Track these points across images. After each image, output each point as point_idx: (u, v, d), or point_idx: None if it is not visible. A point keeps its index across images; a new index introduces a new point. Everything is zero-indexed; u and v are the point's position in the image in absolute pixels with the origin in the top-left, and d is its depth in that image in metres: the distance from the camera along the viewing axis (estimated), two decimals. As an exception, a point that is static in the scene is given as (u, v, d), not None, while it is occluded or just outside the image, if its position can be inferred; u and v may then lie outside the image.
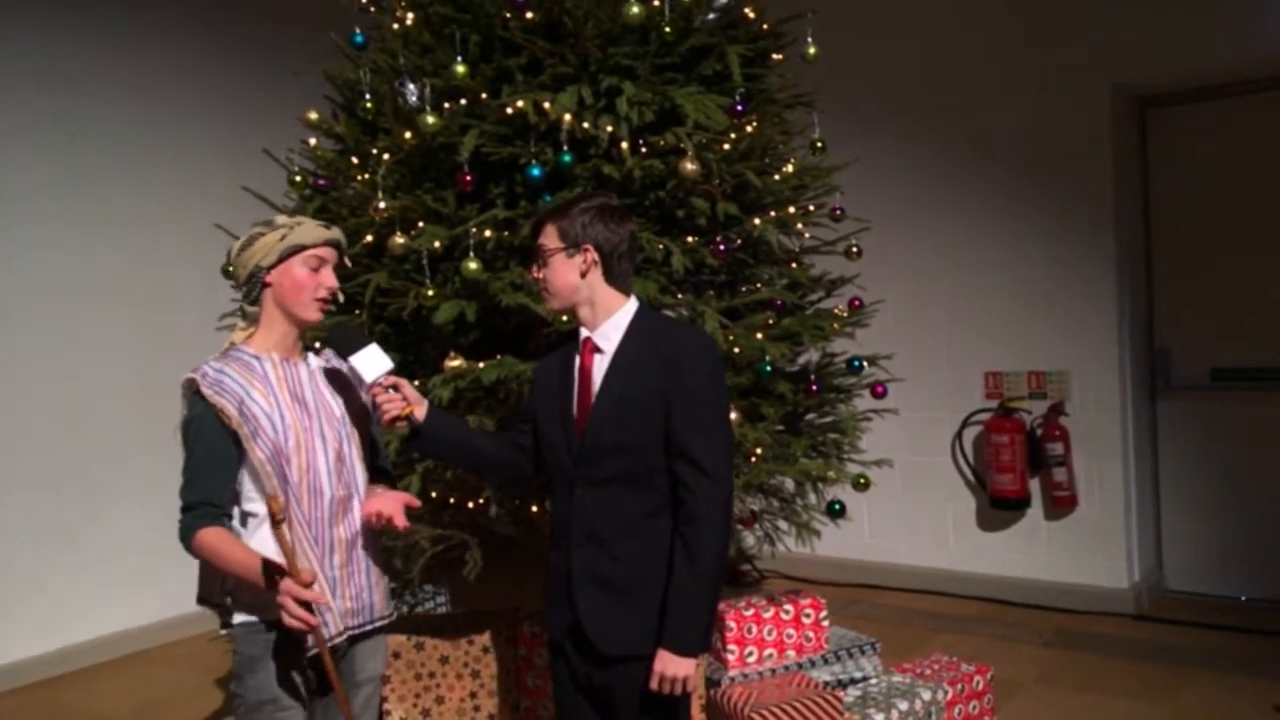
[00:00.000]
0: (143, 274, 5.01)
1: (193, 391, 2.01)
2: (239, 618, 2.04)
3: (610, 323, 2.11)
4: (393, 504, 2.10)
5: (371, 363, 2.09)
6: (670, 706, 2.10)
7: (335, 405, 2.14)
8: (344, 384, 2.20)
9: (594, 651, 2.08)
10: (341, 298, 2.32)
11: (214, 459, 1.99)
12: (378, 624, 2.17)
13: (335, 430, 2.10)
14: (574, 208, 2.12)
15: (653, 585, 2.05)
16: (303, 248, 2.07)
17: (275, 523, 1.86)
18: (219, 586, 2.07)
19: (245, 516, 2.04)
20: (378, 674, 2.21)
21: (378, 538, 2.20)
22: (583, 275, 2.10)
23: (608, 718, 2.15)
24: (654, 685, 2.03)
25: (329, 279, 2.11)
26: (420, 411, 2.14)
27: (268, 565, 1.87)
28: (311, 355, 2.21)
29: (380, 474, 2.28)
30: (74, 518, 4.71)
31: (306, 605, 1.84)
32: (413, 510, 2.14)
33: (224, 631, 2.10)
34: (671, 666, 2.01)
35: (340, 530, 2.09)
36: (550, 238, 2.12)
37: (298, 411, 2.05)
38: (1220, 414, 4.90)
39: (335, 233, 2.14)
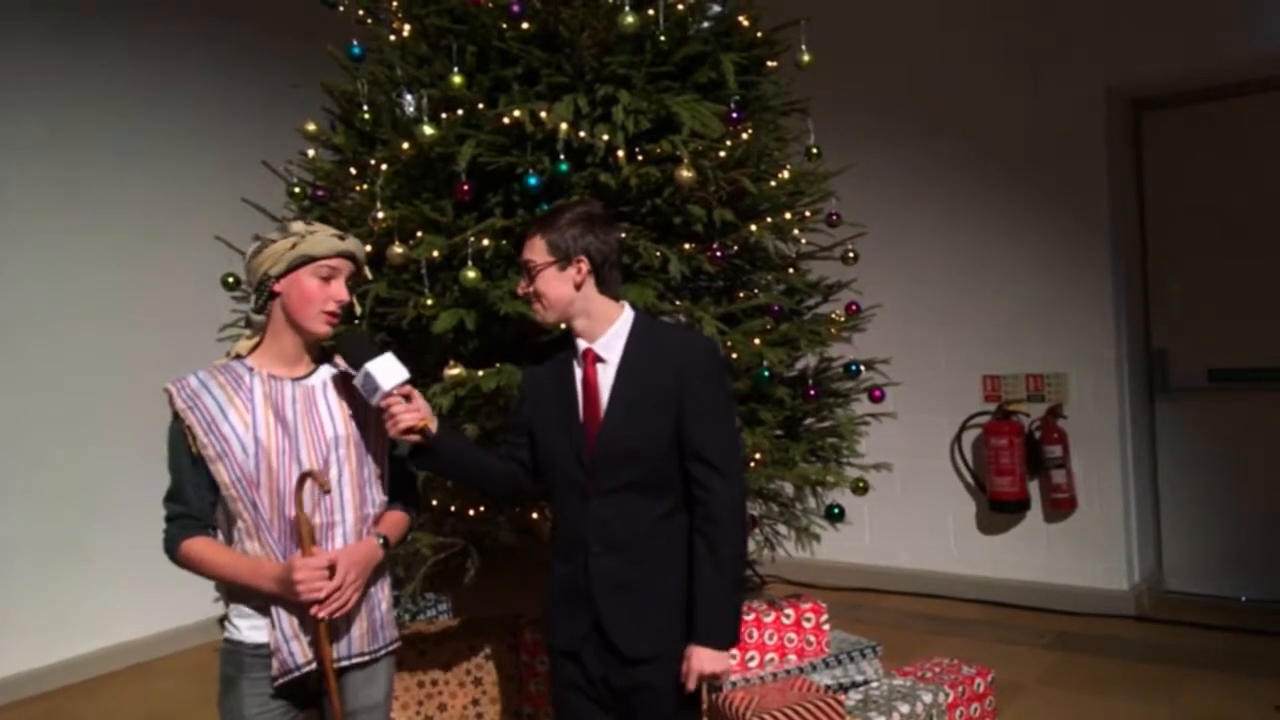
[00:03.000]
0: (143, 285, 5.03)
1: (169, 403, 1.97)
2: (224, 635, 2.02)
3: (611, 332, 2.12)
4: (347, 562, 1.96)
5: (387, 371, 2.01)
6: (690, 704, 2.15)
7: (330, 425, 2.03)
8: (357, 400, 2.08)
9: (617, 655, 2.10)
10: (359, 309, 2.28)
11: (189, 472, 1.96)
12: (356, 660, 2.04)
13: (318, 454, 1.99)
14: (561, 219, 2.10)
15: (671, 584, 2.08)
16: (312, 259, 1.98)
17: (325, 493, 1.96)
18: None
19: (229, 532, 1.99)
20: (378, 701, 2.11)
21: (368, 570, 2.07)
22: (577, 287, 2.09)
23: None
24: (691, 684, 2.07)
25: (339, 292, 2.02)
26: (433, 425, 2.10)
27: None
28: (325, 366, 2.11)
29: (404, 491, 2.20)
30: (76, 529, 4.71)
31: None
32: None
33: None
34: (709, 663, 2.05)
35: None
36: (539, 252, 2.09)
37: (277, 433, 1.96)
38: (1218, 414, 4.91)
39: (350, 244, 2.04)
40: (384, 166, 2.90)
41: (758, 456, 2.98)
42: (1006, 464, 4.94)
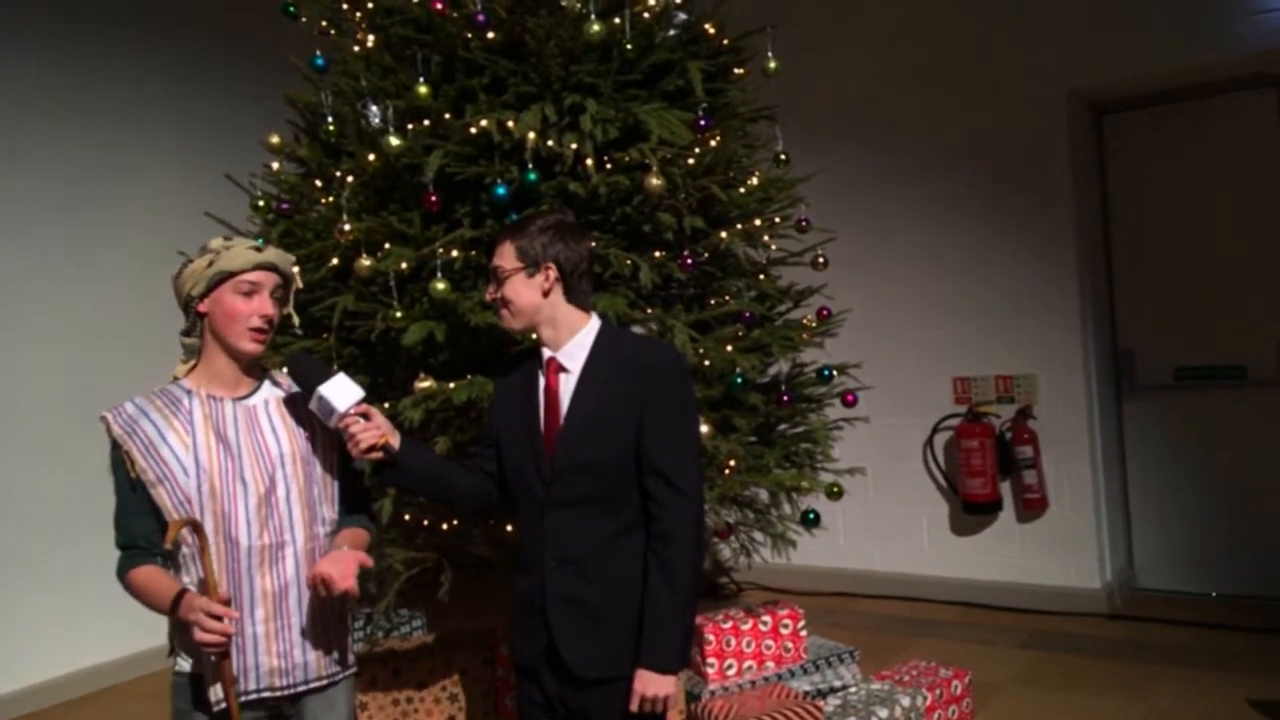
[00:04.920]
0: (108, 304, 4.95)
1: (107, 431, 1.92)
2: (178, 667, 1.97)
3: (574, 341, 2.09)
4: (335, 565, 1.89)
5: (341, 392, 1.97)
6: None
7: (274, 444, 1.99)
8: (301, 418, 2.04)
9: (570, 675, 2.05)
10: (296, 321, 2.24)
11: (131, 499, 1.91)
12: (314, 685, 1.99)
13: (264, 473, 1.95)
14: (532, 226, 2.08)
15: (627, 605, 2.03)
16: (230, 274, 1.94)
17: (198, 543, 1.82)
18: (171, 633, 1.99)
19: (177, 559, 1.94)
20: None
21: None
22: (544, 294, 2.07)
23: None
24: (634, 706, 2.01)
25: (263, 306, 1.96)
26: (395, 441, 2.07)
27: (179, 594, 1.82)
28: (268, 384, 2.07)
29: (360, 508, 2.15)
30: (41, 550, 4.62)
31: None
32: (364, 568, 1.96)
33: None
34: (652, 686, 1.99)
35: (265, 582, 1.94)
36: (508, 258, 2.08)
37: (219, 453, 1.92)
38: (1184, 412, 4.98)
39: (269, 255, 1.99)
40: (350, 178, 2.87)
41: (732, 463, 2.98)
42: (978, 465, 4.97)
